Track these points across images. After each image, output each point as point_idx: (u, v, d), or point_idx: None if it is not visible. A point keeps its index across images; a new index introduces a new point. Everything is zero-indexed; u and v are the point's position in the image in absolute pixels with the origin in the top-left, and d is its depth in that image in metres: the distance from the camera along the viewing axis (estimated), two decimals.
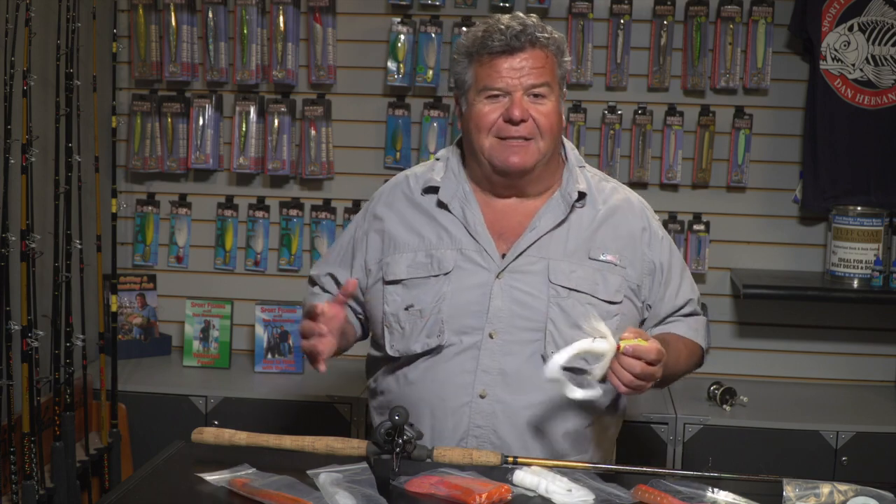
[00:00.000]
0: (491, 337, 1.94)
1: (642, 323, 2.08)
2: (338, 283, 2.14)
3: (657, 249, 2.06)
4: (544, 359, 1.93)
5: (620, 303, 2.00)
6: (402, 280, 2.01)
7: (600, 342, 1.75)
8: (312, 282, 2.23)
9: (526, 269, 1.97)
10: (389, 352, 2.02)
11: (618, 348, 1.75)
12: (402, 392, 2.01)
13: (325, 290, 2.17)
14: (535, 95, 1.94)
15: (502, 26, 1.93)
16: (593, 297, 1.96)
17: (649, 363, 1.76)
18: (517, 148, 1.95)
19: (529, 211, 2.03)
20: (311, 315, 1.87)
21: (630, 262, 2.02)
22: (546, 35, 1.95)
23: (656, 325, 2.10)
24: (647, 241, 2.05)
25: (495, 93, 1.94)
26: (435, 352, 1.97)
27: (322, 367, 1.88)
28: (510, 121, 1.93)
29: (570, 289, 1.95)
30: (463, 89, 2.01)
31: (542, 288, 1.95)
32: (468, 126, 2.00)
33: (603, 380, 1.79)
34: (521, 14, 1.98)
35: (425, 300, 1.98)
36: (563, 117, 2.05)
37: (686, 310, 2.11)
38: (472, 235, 2.00)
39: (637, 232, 2.05)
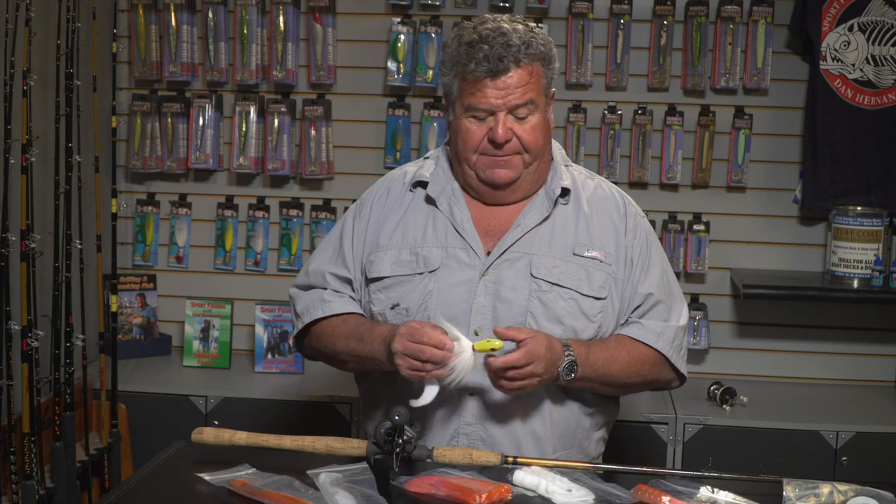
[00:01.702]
0: (476, 334, 1.94)
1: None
2: (340, 279, 2.10)
3: (629, 241, 2.05)
4: None
5: (605, 299, 1.99)
6: (384, 277, 2.01)
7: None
8: (307, 287, 2.14)
9: (509, 265, 1.97)
10: None
11: (472, 348, 1.81)
12: (393, 394, 2.00)
13: (336, 292, 2.09)
14: (520, 116, 1.94)
15: (486, 46, 1.89)
16: (577, 292, 1.96)
17: (513, 367, 1.81)
18: (503, 162, 1.97)
19: (515, 209, 2.04)
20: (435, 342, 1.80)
21: (615, 258, 2.02)
22: (531, 52, 1.92)
23: (622, 324, 2.05)
24: (623, 233, 2.05)
25: (480, 114, 1.95)
26: None
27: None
28: (494, 143, 1.94)
29: (553, 283, 1.96)
30: (450, 99, 2.01)
31: (524, 282, 1.95)
32: (455, 138, 2.01)
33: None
34: (505, 25, 1.93)
35: (411, 298, 1.98)
36: (551, 122, 2.05)
37: (644, 306, 2.03)
38: (458, 232, 2.00)
39: (620, 227, 2.05)
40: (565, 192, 2.04)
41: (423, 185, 2.07)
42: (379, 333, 1.93)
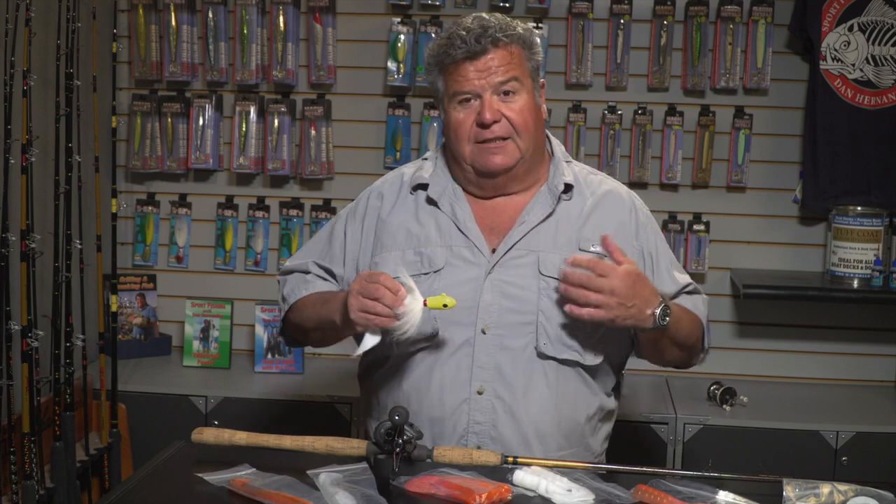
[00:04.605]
0: (483, 332, 1.94)
1: None
2: (330, 273, 2.12)
3: (643, 237, 2.06)
4: (538, 351, 1.94)
5: None
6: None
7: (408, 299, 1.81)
8: (287, 271, 2.19)
9: (516, 263, 1.97)
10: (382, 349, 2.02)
11: (424, 303, 1.82)
12: (400, 394, 2.00)
13: (321, 278, 2.12)
14: (506, 93, 1.95)
15: (463, 32, 1.93)
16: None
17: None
18: (496, 149, 1.96)
19: (518, 206, 2.03)
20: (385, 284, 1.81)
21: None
22: (509, 33, 1.94)
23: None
24: (635, 231, 2.06)
25: (465, 97, 1.95)
26: (429, 350, 1.97)
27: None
28: (482, 125, 1.94)
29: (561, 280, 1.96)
30: (438, 97, 2.03)
31: (533, 280, 1.95)
32: (448, 134, 2.02)
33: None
34: (484, 15, 1.98)
35: None
36: (543, 109, 2.05)
37: (689, 289, 2.12)
38: (462, 232, 2.00)
39: (626, 221, 2.05)
40: (568, 187, 2.04)
41: (423, 187, 2.07)
42: (342, 295, 1.94)
